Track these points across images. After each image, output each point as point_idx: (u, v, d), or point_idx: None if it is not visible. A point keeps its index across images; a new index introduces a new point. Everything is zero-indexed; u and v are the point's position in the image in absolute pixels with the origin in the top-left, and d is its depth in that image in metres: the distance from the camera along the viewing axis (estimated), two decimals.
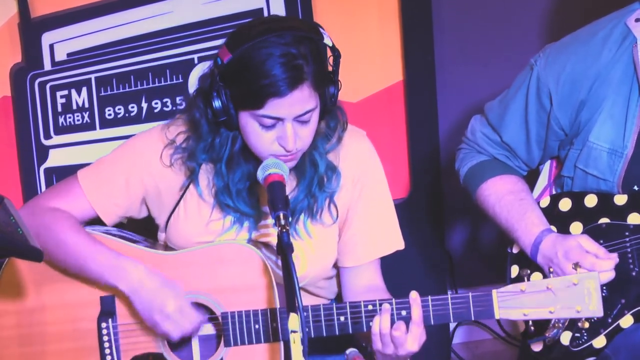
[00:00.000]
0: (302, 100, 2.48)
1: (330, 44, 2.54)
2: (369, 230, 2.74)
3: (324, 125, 2.64)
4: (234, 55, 2.47)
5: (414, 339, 2.54)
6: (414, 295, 2.55)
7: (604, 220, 2.78)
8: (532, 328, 2.55)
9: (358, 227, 2.73)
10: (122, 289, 2.59)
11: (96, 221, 2.73)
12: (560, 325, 2.59)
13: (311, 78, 2.47)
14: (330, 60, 2.57)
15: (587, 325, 2.52)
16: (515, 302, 2.51)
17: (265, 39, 2.45)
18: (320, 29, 2.55)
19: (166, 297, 2.57)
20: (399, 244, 2.79)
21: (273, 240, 2.40)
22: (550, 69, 2.78)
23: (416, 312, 2.54)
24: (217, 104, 2.53)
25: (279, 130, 2.51)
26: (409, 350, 2.54)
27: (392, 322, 2.54)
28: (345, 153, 2.69)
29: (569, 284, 2.50)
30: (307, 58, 2.47)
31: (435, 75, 3.77)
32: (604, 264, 2.66)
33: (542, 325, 2.62)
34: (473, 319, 2.56)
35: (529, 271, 2.57)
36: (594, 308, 2.50)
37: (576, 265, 2.53)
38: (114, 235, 2.71)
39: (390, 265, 2.83)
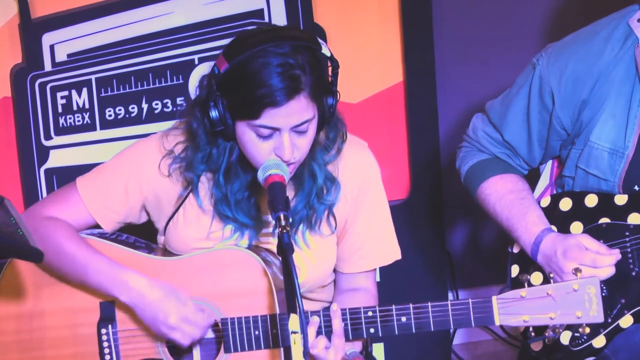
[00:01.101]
0: (299, 110, 2.47)
1: (329, 54, 2.52)
2: (367, 242, 2.74)
3: (323, 136, 2.63)
4: (231, 65, 2.46)
5: (336, 351, 2.54)
6: (334, 307, 2.55)
7: (604, 220, 2.77)
8: (533, 334, 2.55)
9: (356, 239, 2.73)
10: (123, 300, 2.59)
11: (95, 227, 2.73)
12: (559, 327, 2.59)
13: (308, 88, 2.46)
14: (330, 70, 2.55)
15: (587, 330, 2.52)
16: (515, 309, 2.52)
17: (262, 48, 2.44)
18: (319, 39, 2.53)
19: (168, 308, 2.56)
20: (396, 255, 2.79)
21: (274, 248, 2.40)
22: (552, 67, 2.78)
23: (336, 324, 2.54)
24: (214, 114, 2.51)
25: (276, 141, 2.49)
26: None
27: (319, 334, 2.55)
28: (345, 164, 2.69)
29: (569, 289, 2.50)
30: (305, 68, 2.45)
31: (435, 76, 3.77)
32: (605, 260, 2.66)
33: (542, 326, 2.62)
34: (473, 325, 2.55)
35: (528, 276, 2.57)
36: (595, 314, 2.50)
37: (577, 271, 2.53)
38: (111, 240, 2.71)
39: (390, 266, 2.84)
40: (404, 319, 2.55)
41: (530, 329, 2.54)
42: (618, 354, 2.76)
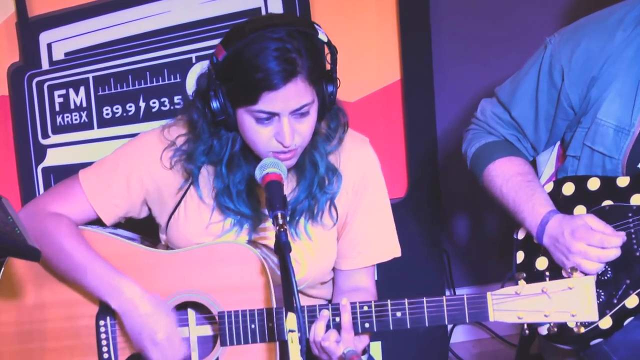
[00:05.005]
0: (296, 94, 2.48)
1: (326, 40, 2.54)
2: (367, 237, 2.75)
3: (324, 125, 2.65)
4: (229, 52, 2.48)
5: (345, 345, 2.54)
6: (344, 302, 2.55)
7: (607, 202, 2.79)
8: (527, 332, 2.55)
9: (356, 234, 2.74)
10: (114, 307, 2.60)
11: (95, 221, 2.73)
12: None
13: (305, 72, 2.47)
14: (328, 57, 2.57)
15: (582, 330, 2.53)
16: (510, 305, 2.52)
17: (259, 34, 2.46)
18: (317, 26, 2.55)
19: (158, 324, 2.57)
20: (396, 252, 2.80)
21: (272, 243, 2.41)
22: (564, 46, 2.82)
23: (345, 319, 2.54)
24: (214, 103, 2.53)
25: (276, 126, 2.51)
26: None
27: (327, 329, 2.55)
28: (347, 157, 2.70)
29: (565, 287, 2.50)
30: (301, 52, 2.47)
31: (432, 75, 3.77)
32: (612, 240, 2.67)
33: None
34: (468, 321, 2.56)
35: (524, 274, 2.57)
36: (589, 312, 2.51)
37: (573, 270, 2.54)
38: (111, 233, 2.72)
39: (387, 264, 2.84)
40: (399, 314, 2.55)
41: (525, 326, 2.54)
42: (617, 352, 2.77)
